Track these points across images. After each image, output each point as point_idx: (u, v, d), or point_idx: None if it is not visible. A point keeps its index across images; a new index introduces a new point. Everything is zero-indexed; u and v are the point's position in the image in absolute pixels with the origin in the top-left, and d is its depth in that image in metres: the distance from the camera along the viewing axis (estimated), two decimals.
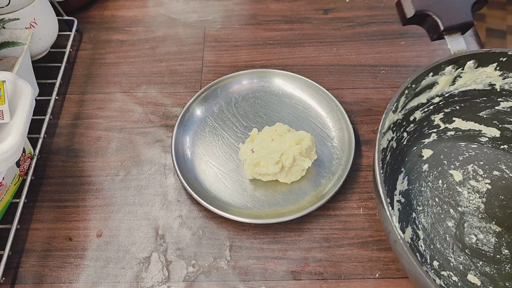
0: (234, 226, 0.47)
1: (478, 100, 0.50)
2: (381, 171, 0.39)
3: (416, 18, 0.48)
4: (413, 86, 0.45)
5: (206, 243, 0.46)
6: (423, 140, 0.51)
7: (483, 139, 0.51)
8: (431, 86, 0.47)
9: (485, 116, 0.51)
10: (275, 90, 0.58)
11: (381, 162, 0.40)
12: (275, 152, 0.48)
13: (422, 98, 0.48)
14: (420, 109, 0.49)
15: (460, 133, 0.52)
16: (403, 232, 0.45)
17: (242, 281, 0.44)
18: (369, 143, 0.54)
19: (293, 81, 0.58)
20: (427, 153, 0.51)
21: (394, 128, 0.46)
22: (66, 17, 0.64)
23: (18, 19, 0.52)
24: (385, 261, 0.45)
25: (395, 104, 0.44)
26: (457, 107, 0.50)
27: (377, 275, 0.44)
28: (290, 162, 0.48)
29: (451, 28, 0.46)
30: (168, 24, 0.67)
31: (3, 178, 0.43)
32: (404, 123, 0.48)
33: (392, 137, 0.47)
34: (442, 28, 0.46)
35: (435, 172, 0.50)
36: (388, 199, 0.38)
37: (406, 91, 0.45)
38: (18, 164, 0.46)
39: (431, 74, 0.46)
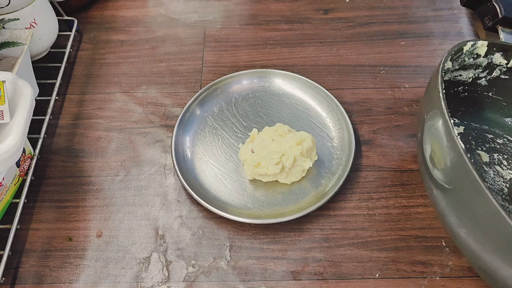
0: (234, 226, 0.47)
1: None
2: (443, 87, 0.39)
3: (476, 0, 0.48)
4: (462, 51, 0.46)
5: (206, 243, 0.47)
6: (454, 119, 0.52)
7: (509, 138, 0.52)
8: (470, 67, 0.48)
9: (510, 123, 0.51)
10: (275, 90, 0.58)
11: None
12: (276, 153, 0.48)
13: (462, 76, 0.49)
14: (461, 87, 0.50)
15: (487, 127, 0.52)
16: None
17: (242, 281, 0.44)
18: (369, 143, 0.54)
19: (293, 81, 0.58)
20: (457, 129, 0.51)
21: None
22: (66, 17, 0.64)
23: (18, 19, 0.52)
24: (385, 261, 0.45)
25: (452, 55, 0.44)
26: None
27: (377, 275, 0.44)
28: (291, 162, 0.48)
29: (507, 20, 0.47)
30: (168, 24, 0.67)
31: (3, 178, 0.43)
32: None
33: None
34: (500, 15, 0.47)
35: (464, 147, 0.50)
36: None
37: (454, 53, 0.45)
38: (18, 164, 0.46)
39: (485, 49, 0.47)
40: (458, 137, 0.36)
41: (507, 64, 0.47)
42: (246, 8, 0.69)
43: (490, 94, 0.51)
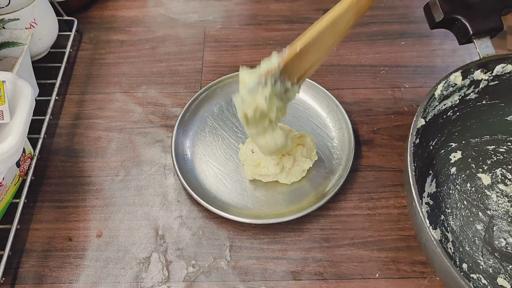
0: (234, 226, 0.47)
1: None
2: (414, 173, 0.39)
3: (444, 22, 0.47)
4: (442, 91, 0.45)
5: (206, 243, 0.47)
6: (451, 144, 0.51)
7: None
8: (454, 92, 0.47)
9: None
10: None
11: (413, 165, 0.40)
12: None
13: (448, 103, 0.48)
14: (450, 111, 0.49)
15: (488, 137, 0.51)
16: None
17: (242, 281, 0.44)
18: (369, 143, 0.54)
19: None
20: (455, 156, 0.50)
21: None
22: (66, 17, 0.64)
23: (18, 19, 0.52)
24: (385, 261, 0.45)
25: (425, 108, 0.44)
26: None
27: (377, 275, 0.44)
28: (291, 163, 0.48)
29: (480, 32, 0.46)
30: (168, 24, 0.67)
31: (3, 178, 0.43)
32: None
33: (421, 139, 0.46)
34: (471, 32, 0.46)
35: (463, 175, 0.49)
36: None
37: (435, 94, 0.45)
38: (18, 164, 0.46)
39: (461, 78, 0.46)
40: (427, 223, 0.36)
41: (491, 73, 0.46)
42: (246, 8, 0.69)
43: (484, 102, 0.49)
